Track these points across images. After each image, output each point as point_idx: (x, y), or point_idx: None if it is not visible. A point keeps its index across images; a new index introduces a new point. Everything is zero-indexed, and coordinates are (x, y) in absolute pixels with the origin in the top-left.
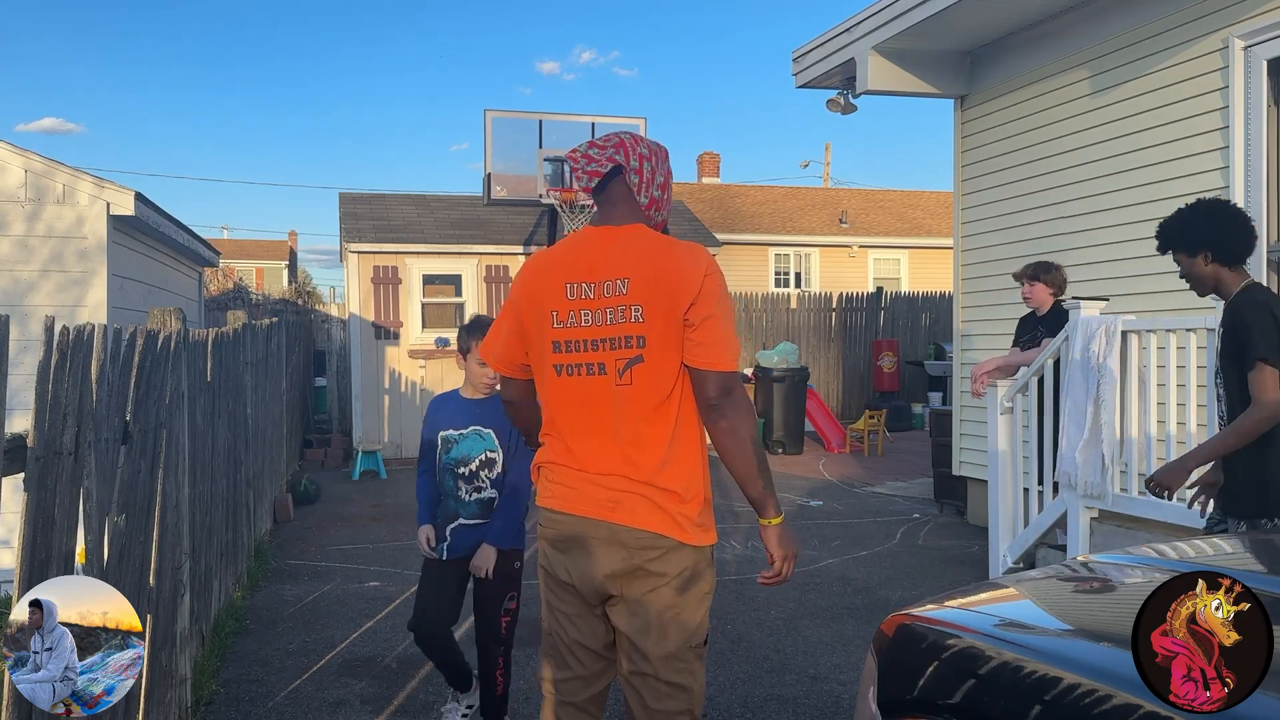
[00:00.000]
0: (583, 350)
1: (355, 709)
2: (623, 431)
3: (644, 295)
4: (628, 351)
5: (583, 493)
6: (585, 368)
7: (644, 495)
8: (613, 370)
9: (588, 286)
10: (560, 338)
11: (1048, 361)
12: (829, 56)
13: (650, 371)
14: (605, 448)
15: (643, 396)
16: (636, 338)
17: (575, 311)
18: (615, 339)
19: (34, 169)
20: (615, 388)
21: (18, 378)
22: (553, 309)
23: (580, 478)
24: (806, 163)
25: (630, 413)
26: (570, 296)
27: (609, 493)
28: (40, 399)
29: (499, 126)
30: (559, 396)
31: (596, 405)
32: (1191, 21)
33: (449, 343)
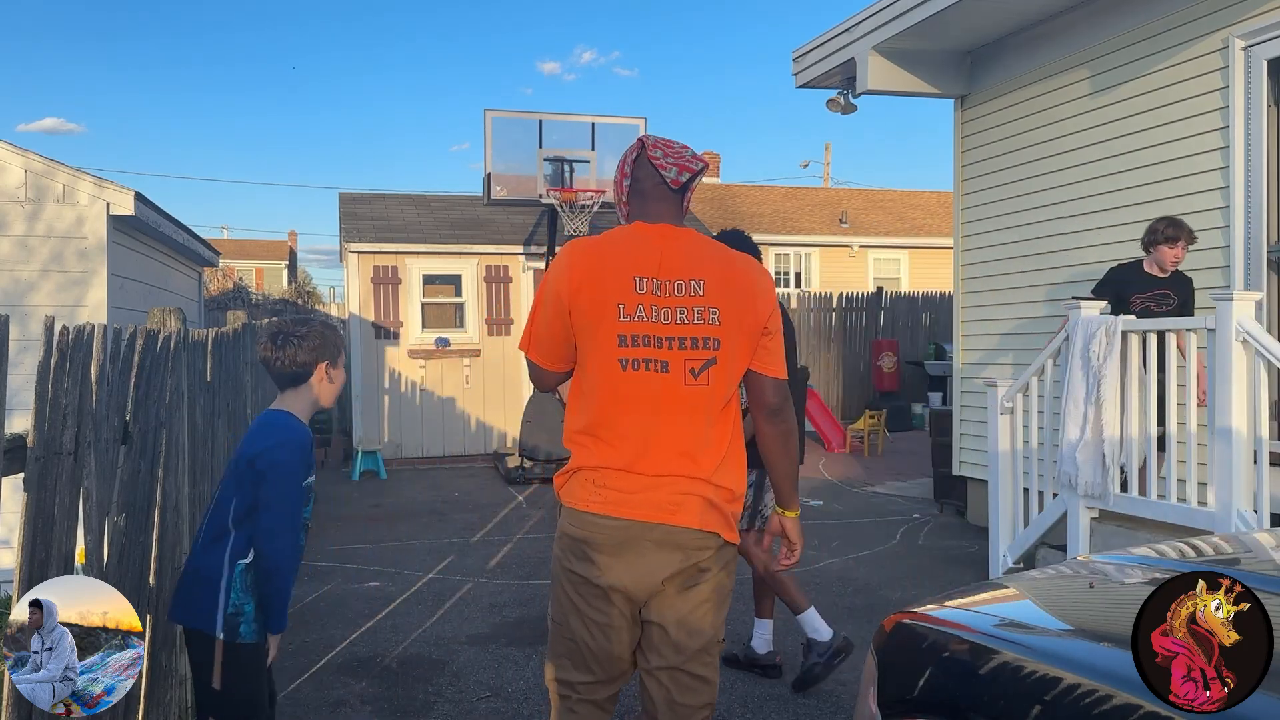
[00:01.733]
0: (652, 346)
1: (355, 709)
2: (688, 431)
3: (721, 299)
4: (703, 353)
5: (640, 497)
6: (652, 364)
7: (703, 495)
8: (679, 370)
9: (658, 283)
10: (627, 331)
11: (1047, 361)
12: (829, 56)
13: (722, 374)
14: (664, 448)
15: (714, 397)
16: (713, 340)
17: (645, 306)
18: (688, 339)
19: (34, 169)
20: (684, 387)
21: (18, 378)
22: (619, 301)
23: (636, 481)
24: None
25: (700, 414)
26: (639, 290)
27: (670, 495)
28: (40, 399)
29: (499, 126)
30: (621, 392)
31: (662, 405)
32: (1191, 21)
33: (449, 343)
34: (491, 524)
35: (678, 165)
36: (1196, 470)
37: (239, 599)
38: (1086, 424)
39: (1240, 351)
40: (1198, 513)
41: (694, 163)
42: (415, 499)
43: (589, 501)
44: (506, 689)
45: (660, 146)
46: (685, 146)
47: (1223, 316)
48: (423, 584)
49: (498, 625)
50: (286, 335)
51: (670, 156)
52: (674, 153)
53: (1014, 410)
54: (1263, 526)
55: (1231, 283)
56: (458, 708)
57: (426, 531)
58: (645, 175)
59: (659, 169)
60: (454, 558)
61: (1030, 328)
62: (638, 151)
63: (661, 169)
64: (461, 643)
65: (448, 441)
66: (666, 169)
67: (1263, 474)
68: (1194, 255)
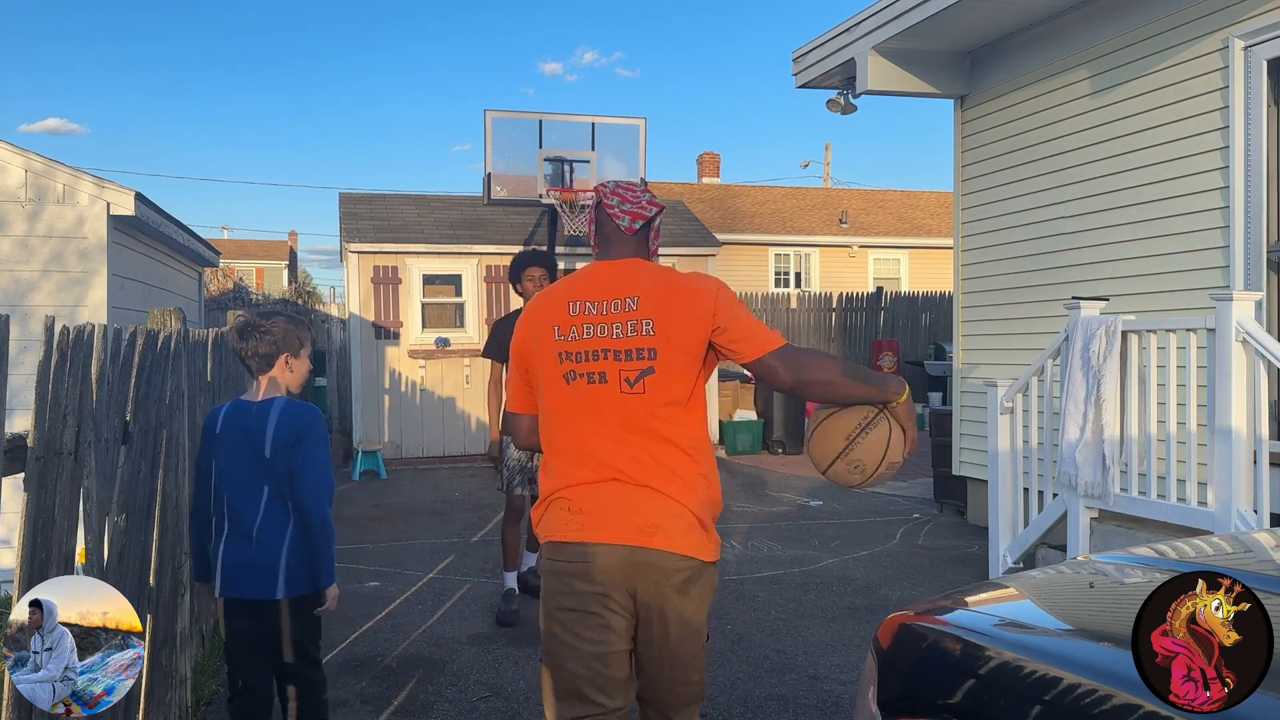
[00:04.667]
0: (588, 360)
1: (355, 709)
2: (638, 444)
3: (654, 311)
4: (638, 363)
5: (614, 518)
6: (592, 377)
7: (680, 517)
8: (615, 380)
9: (591, 304)
10: (564, 349)
11: (1047, 361)
12: (829, 56)
13: (659, 382)
14: (621, 459)
15: (651, 405)
16: (648, 350)
17: (578, 326)
18: (622, 351)
19: (34, 169)
20: (620, 395)
21: (18, 378)
22: (554, 324)
23: (608, 496)
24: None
25: (641, 423)
26: (572, 312)
27: (648, 515)
28: (40, 399)
29: (499, 126)
30: (567, 403)
31: (605, 413)
32: (1191, 21)
33: (449, 343)
34: (491, 524)
35: (631, 214)
36: (1196, 470)
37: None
38: (1086, 424)
39: (1240, 351)
40: (1198, 513)
41: (648, 209)
42: (415, 499)
43: (570, 530)
44: (506, 689)
45: (617, 194)
46: (644, 190)
47: (1223, 316)
48: (423, 584)
49: (498, 625)
50: (252, 329)
51: (626, 203)
52: (630, 199)
53: (1014, 410)
54: (1263, 526)
55: (1231, 283)
56: (458, 708)
57: (427, 531)
58: (604, 221)
59: (613, 218)
60: (454, 558)
61: (1030, 328)
62: (598, 201)
63: (615, 218)
64: (461, 643)
65: (448, 441)
66: (620, 218)
67: (1263, 474)
68: (1194, 255)
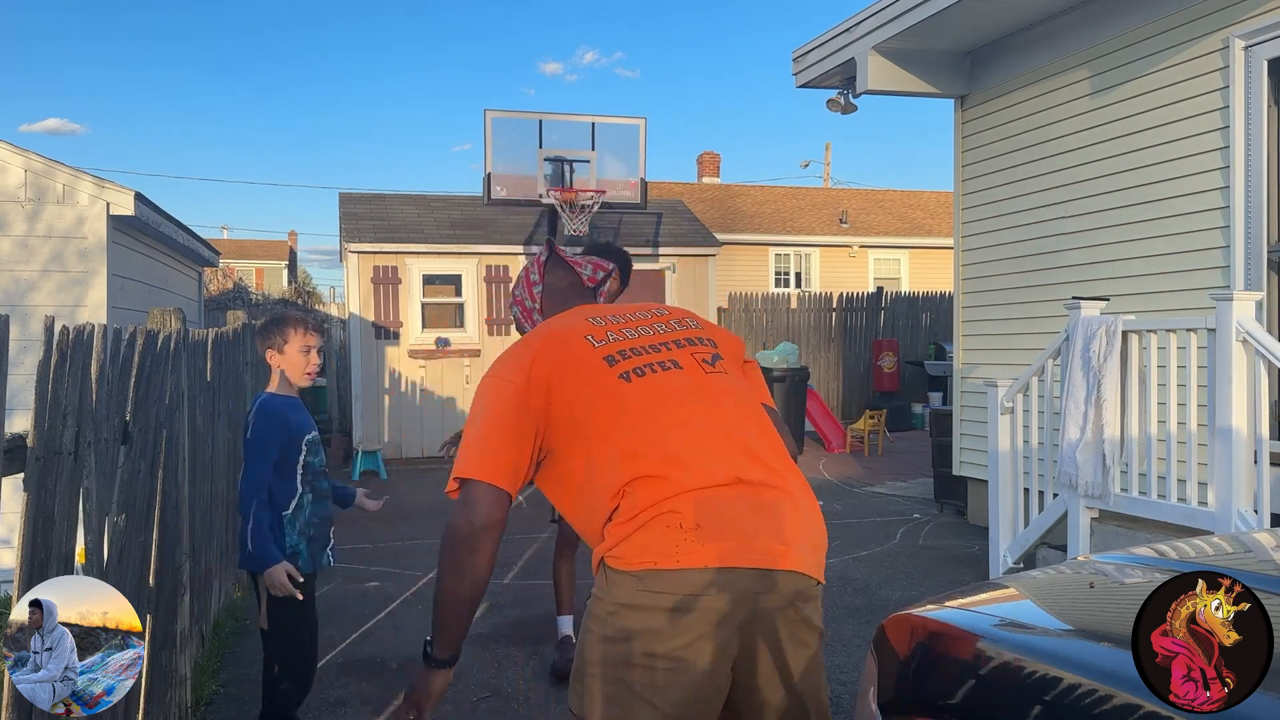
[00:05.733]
0: (646, 354)
1: (355, 709)
2: (747, 429)
3: (691, 318)
4: (705, 349)
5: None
6: (661, 366)
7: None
8: (692, 363)
9: (615, 315)
10: (609, 352)
11: (1047, 361)
12: (829, 56)
13: (735, 369)
14: (728, 449)
15: (746, 389)
16: (707, 339)
17: (615, 330)
18: (682, 339)
19: (34, 169)
20: (706, 376)
21: (18, 378)
22: (584, 334)
23: (733, 501)
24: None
25: (744, 402)
26: (596, 323)
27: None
28: (40, 399)
29: (499, 126)
30: (634, 405)
31: (693, 396)
32: (1191, 21)
33: (449, 343)
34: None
35: (592, 264)
36: (1196, 470)
37: (293, 541)
38: (1087, 424)
39: (1240, 351)
40: (1198, 513)
41: (605, 263)
42: (415, 499)
43: (676, 555)
44: (506, 689)
45: (563, 250)
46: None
47: (1223, 316)
48: (423, 584)
49: (498, 625)
50: (256, 330)
51: (582, 258)
52: (580, 262)
53: (1014, 410)
54: (1263, 526)
55: (1231, 283)
56: (458, 708)
57: (427, 531)
58: (558, 277)
59: (574, 266)
60: None
61: (1030, 328)
62: (546, 254)
63: (576, 266)
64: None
65: None
66: (581, 266)
67: (1263, 474)
68: (1194, 255)
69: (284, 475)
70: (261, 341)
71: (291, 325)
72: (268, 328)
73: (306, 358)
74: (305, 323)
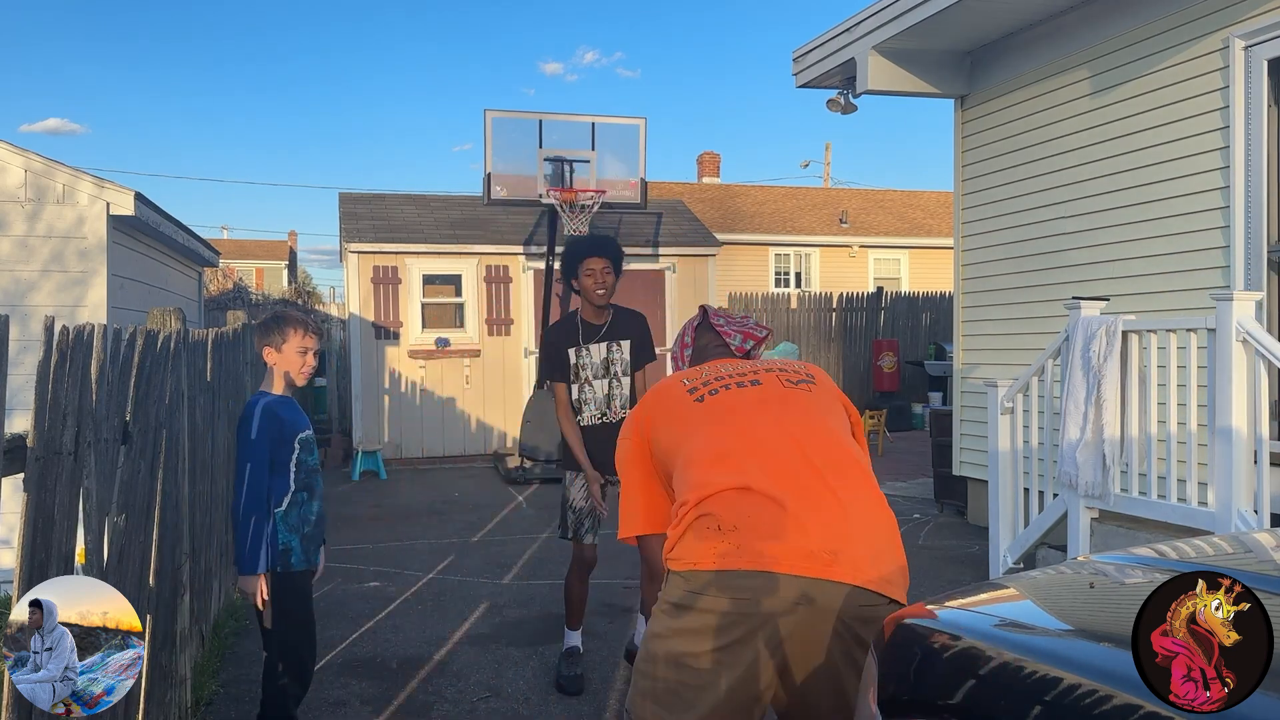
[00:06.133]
0: (731, 376)
1: (355, 709)
2: (814, 439)
3: (803, 369)
4: (795, 374)
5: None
6: (741, 382)
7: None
8: (773, 381)
9: (723, 365)
10: (694, 384)
11: (1047, 361)
12: (829, 56)
13: (824, 396)
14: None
15: (828, 406)
16: (806, 374)
17: (710, 371)
18: (773, 369)
19: (34, 169)
20: (785, 388)
21: (18, 378)
22: (683, 378)
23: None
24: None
25: (827, 413)
26: (704, 373)
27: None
28: (40, 399)
29: (499, 126)
30: (706, 417)
31: (769, 408)
32: (1191, 21)
33: (449, 343)
34: (492, 524)
35: (742, 333)
36: (1196, 470)
37: (285, 538)
38: (1087, 424)
39: (1240, 351)
40: (1198, 513)
41: (757, 330)
42: (415, 499)
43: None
44: (506, 689)
45: (723, 316)
46: (746, 316)
47: (1223, 316)
48: (423, 584)
49: (498, 625)
50: (255, 327)
51: (732, 325)
52: (736, 322)
53: (1014, 410)
54: (1263, 526)
55: (1231, 283)
56: (458, 708)
57: (427, 532)
58: (708, 342)
59: (723, 335)
60: (454, 558)
61: (1030, 328)
62: (699, 319)
63: (726, 335)
64: (461, 643)
65: (448, 442)
66: (731, 335)
67: (1263, 474)
68: (1194, 255)
69: (277, 473)
70: (260, 339)
71: (291, 325)
72: (267, 325)
73: (303, 358)
74: (305, 324)
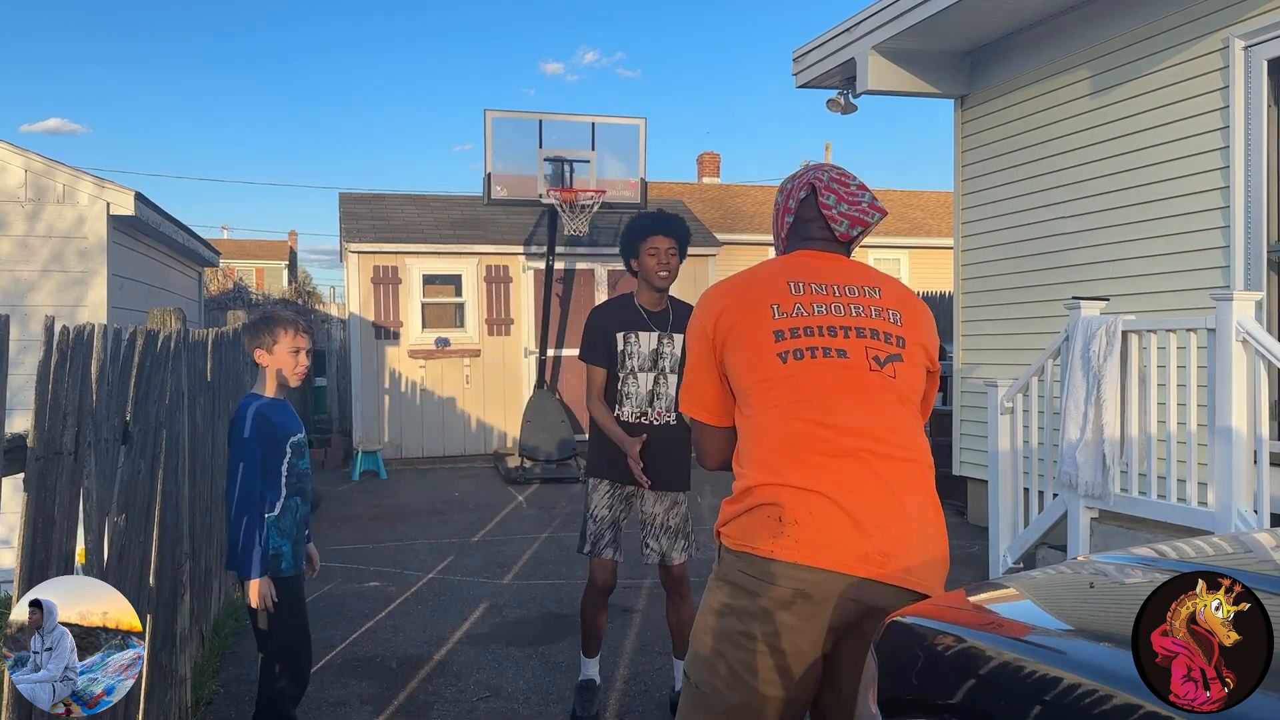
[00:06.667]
0: (822, 335)
1: (355, 709)
2: (895, 421)
3: (901, 306)
4: (887, 346)
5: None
6: (828, 351)
7: (944, 553)
8: (860, 357)
9: (821, 285)
10: (785, 326)
11: (1047, 361)
12: (829, 56)
13: (907, 374)
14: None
15: (906, 396)
16: (897, 337)
17: (805, 304)
18: (867, 329)
19: (34, 169)
20: (869, 374)
21: (18, 378)
22: (772, 303)
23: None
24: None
25: (904, 405)
26: (795, 291)
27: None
28: (40, 399)
29: (499, 126)
30: (795, 389)
31: (848, 394)
32: (1191, 22)
33: (449, 343)
34: (492, 524)
35: (850, 218)
36: (1196, 470)
37: (276, 543)
38: (1087, 424)
39: (1240, 351)
40: (1198, 513)
41: (869, 213)
42: (415, 499)
43: (770, 545)
44: (506, 689)
45: (834, 190)
46: (862, 187)
47: (1223, 316)
48: (423, 584)
49: (498, 625)
50: (242, 329)
51: (844, 203)
52: (849, 198)
53: (1014, 410)
54: (1263, 526)
55: (1231, 283)
56: (458, 708)
57: (426, 531)
58: (811, 219)
59: (828, 220)
60: (454, 558)
61: (1030, 328)
62: (807, 191)
63: (831, 221)
64: (461, 643)
65: (448, 441)
66: (837, 222)
67: (1263, 474)
68: (1194, 255)
69: (269, 477)
70: (250, 340)
71: (281, 325)
72: (257, 326)
73: (296, 359)
74: (295, 324)
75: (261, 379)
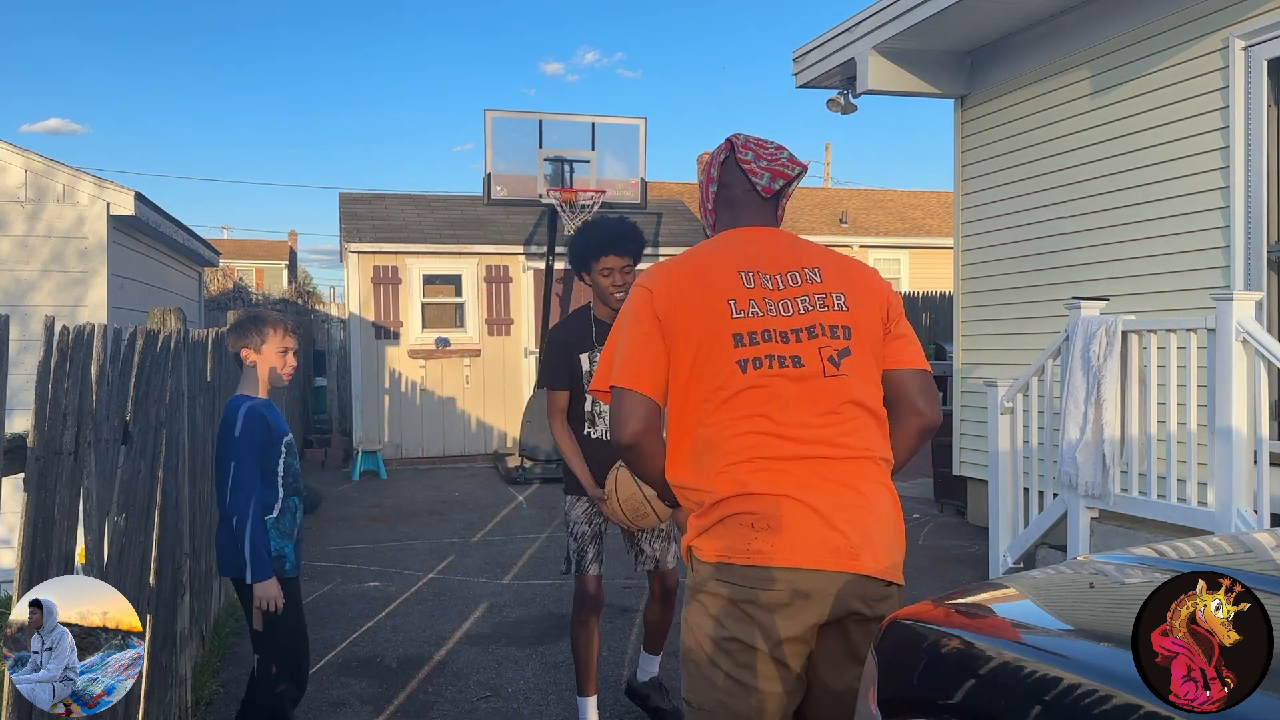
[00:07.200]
0: (776, 341)
1: (355, 709)
2: (852, 438)
3: (843, 285)
4: (835, 342)
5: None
6: (783, 360)
7: (900, 535)
8: (815, 361)
9: (767, 276)
10: (743, 329)
11: (1047, 361)
12: (829, 56)
13: (857, 366)
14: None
15: (862, 392)
16: (843, 327)
17: (758, 301)
18: (815, 327)
19: (34, 169)
20: (824, 380)
21: (18, 378)
22: (729, 298)
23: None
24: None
25: (857, 414)
26: (748, 285)
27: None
28: (40, 399)
29: (499, 126)
30: (740, 399)
31: (806, 406)
32: (1191, 22)
33: (449, 343)
34: (492, 524)
35: (770, 171)
36: (1196, 470)
37: (278, 544)
38: (1087, 424)
39: (1240, 351)
40: (1198, 513)
41: (789, 166)
42: (415, 499)
43: (787, 552)
44: (506, 689)
45: (751, 148)
46: (780, 147)
47: (1223, 316)
48: (423, 584)
49: (498, 625)
50: (228, 329)
51: (763, 159)
52: (767, 154)
53: (1014, 410)
54: (1263, 526)
55: (1231, 283)
56: (458, 708)
57: (427, 531)
58: (734, 181)
59: (749, 175)
60: (454, 558)
61: (1030, 328)
62: (725, 154)
63: (752, 175)
64: (461, 643)
65: (448, 441)
66: (758, 175)
67: (1263, 474)
68: (1194, 255)
69: (267, 480)
70: (237, 340)
71: (270, 326)
72: (245, 326)
73: (284, 359)
74: (283, 324)
75: (250, 379)
